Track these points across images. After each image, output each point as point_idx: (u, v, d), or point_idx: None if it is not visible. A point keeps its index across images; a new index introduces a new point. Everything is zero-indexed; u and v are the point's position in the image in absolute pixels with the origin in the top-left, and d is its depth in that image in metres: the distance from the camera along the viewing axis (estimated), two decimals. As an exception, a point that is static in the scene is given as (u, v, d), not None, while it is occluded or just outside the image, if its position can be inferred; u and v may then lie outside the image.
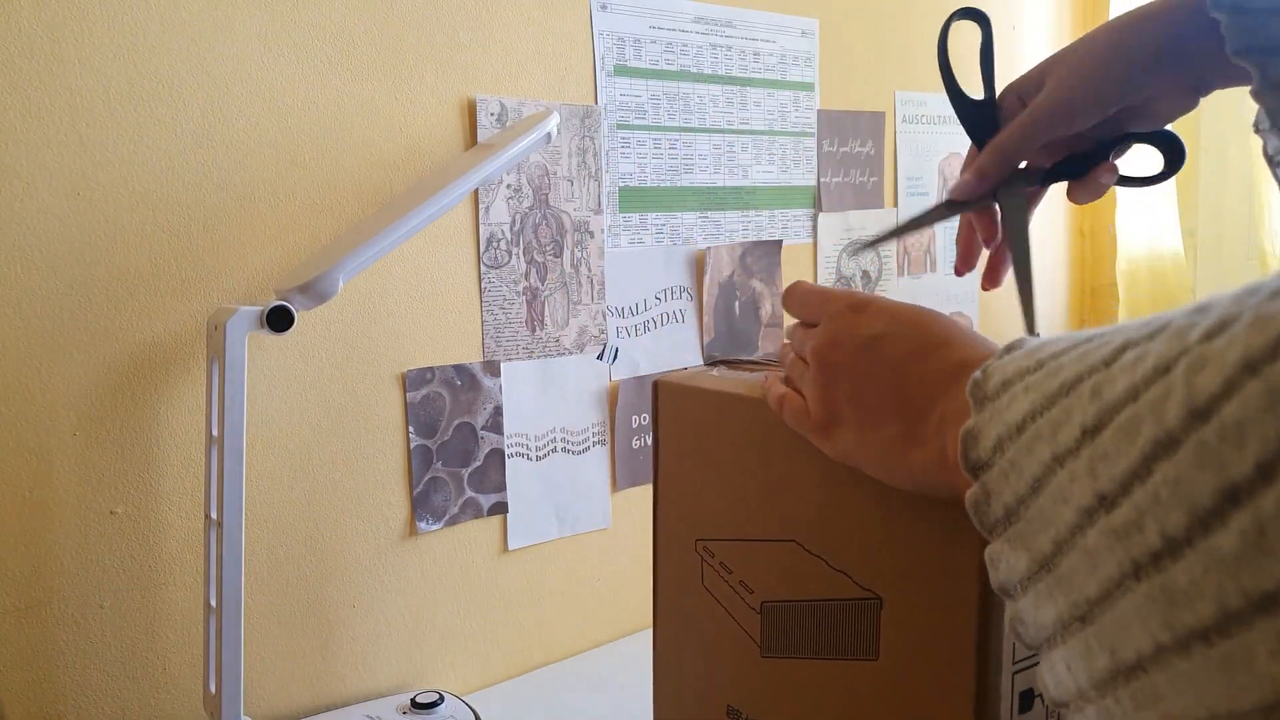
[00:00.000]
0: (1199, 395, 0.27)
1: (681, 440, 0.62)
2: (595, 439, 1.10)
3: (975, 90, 0.67)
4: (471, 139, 0.97)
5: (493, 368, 1.01)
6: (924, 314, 0.47)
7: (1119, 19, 0.59)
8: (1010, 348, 0.38)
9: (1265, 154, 0.57)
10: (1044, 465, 0.33)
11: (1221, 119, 1.59)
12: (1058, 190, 0.66)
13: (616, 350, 1.11)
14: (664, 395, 0.63)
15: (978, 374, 0.38)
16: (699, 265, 1.18)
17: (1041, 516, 0.34)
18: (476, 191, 0.98)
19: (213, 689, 0.78)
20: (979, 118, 0.66)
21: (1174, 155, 0.62)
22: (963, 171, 0.66)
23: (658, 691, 0.66)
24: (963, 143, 0.69)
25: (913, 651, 0.49)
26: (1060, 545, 0.33)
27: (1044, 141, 0.60)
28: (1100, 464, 0.31)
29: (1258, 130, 0.57)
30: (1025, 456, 0.34)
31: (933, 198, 1.46)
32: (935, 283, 1.48)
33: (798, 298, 0.52)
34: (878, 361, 0.46)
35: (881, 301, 0.48)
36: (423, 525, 0.98)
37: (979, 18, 0.68)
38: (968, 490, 0.37)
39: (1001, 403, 0.36)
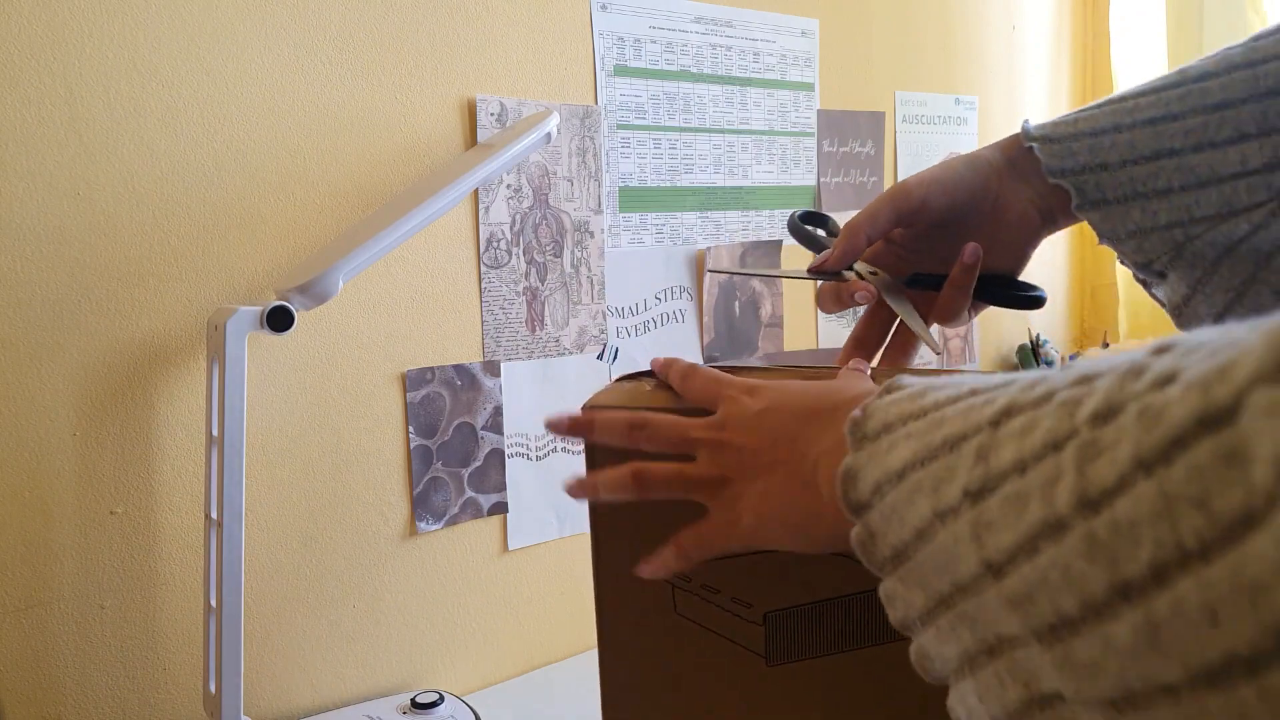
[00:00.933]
0: (1091, 486, 0.27)
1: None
2: (595, 439, 1.10)
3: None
4: (471, 139, 0.97)
5: (493, 368, 1.01)
6: (815, 385, 0.47)
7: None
8: (889, 388, 0.38)
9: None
10: (925, 519, 0.34)
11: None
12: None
13: (616, 350, 1.11)
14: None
15: (857, 413, 0.38)
16: (699, 265, 1.18)
17: (934, 564, 0.34)
18: (476, 191, 0.98)
19: (213, 689, 0.78)
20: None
21: (1034, 302, 0.63)
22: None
23: None
24: (963, 143, 0.69)
25: None
26: (959, 587, 0.33)
27: (890, 220, 0.60)
28: (985, 533, 0.31)
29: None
30: (906, 506, 0.35)
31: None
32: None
33: (698, 385, 0.52)
34: (768, 427, 0.46)
35: (774, 383, 0.48)
36: (423, 525, 0.98)
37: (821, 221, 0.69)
38: (851, 529, 0.37)
39: (881, 446, 0.37)
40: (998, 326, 1.60)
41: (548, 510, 1.07)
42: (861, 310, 0.64)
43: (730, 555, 0.48)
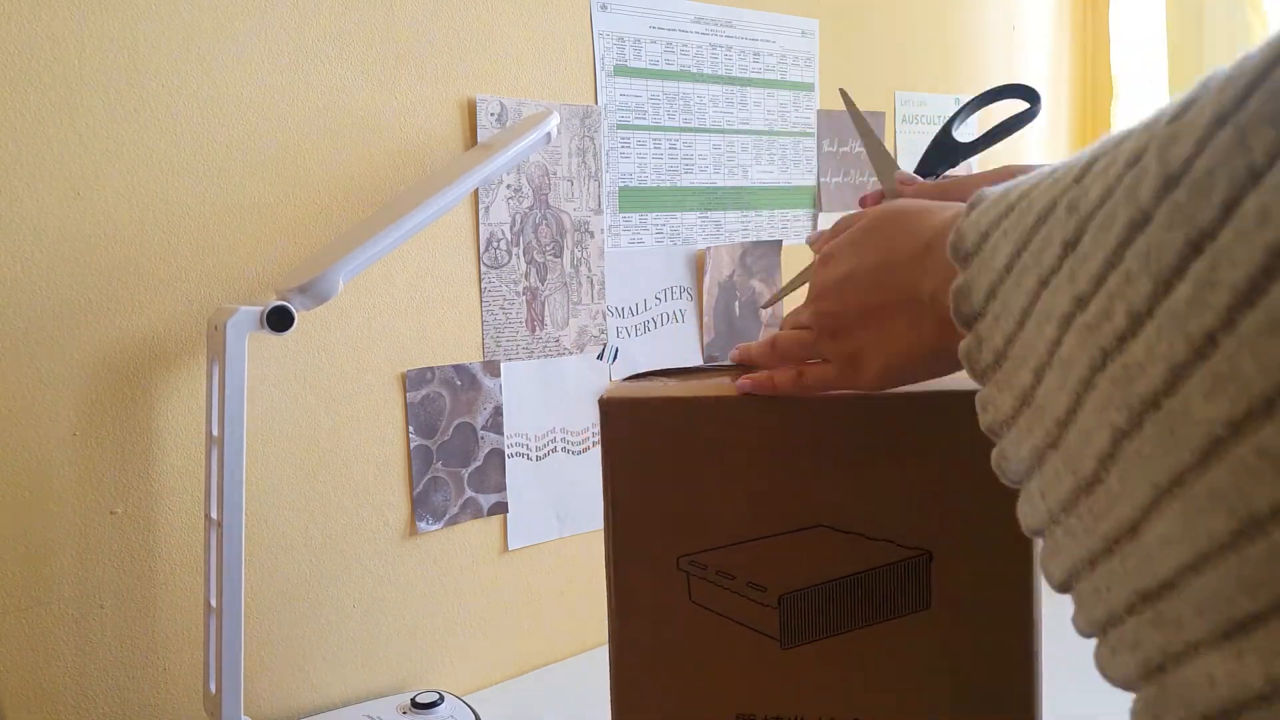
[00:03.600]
0: (1172, 163, 0.28)
1: (645, 458, 0.57)
2: (595, 439, 1.10)
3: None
4: (471, 139, 0.97)
5: (493, 368, 1.01)
6: (881, 222, 0.49)
7: None
8: (974, 203, 0.39)
9: None
10: (1030, 294, 0.34)
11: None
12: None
13: (616, 350, 1.11)
14: (616, 413, 0.57)
15: (952, 235, 0.39)
16: (699, 265, 1.18)
17: (1026, 346, 0.35)
18: (476, 191, 0.98)
19: (213, 689, 0.78)
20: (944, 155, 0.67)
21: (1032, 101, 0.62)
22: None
23: None
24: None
25: (966, 590, 0.53)
26: (1039, 372, 0.34)
27: None
28: (1079, 267, 0.31)
29: None
30: (1014, 293, 0.35)
31: (933, 198, 1.46)
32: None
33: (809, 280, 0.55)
34: (859, 287, 0.48)
35: (844, 243, 0.50)
36: (423, 525, 0.97)
37: (1030, 96, 0.67)
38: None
39: (985, 253, 0.37)
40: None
41: (548, 510, 1.07)
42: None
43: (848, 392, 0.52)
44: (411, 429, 0.96)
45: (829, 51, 1.30)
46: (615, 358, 1.11)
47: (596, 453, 1.10)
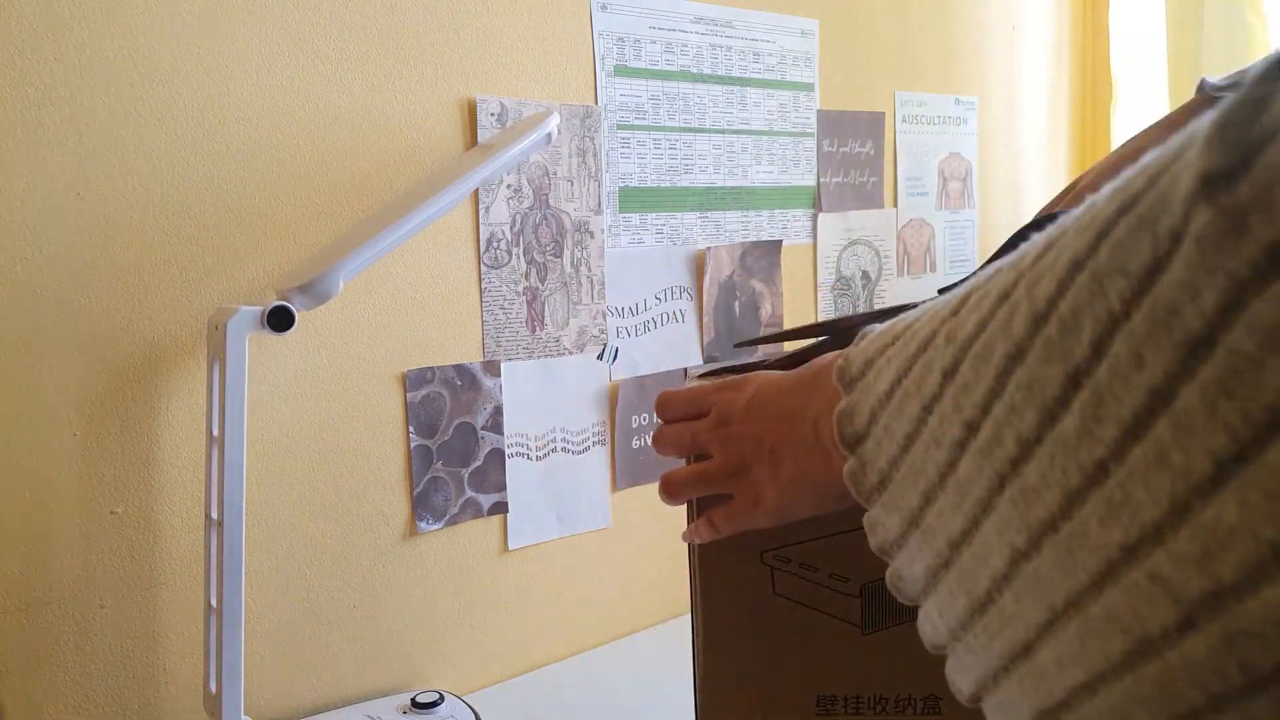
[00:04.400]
0: (1039, 301, 0.30)
1: None
2: (595, 439, 1.10)
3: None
4: (471, 139, 0.97)
5: (493, 368, 1.01)
6: (793, 366, 0.52)
7: None
8: (862, 336, 0.41)
9: None
10: (914, 420, 0.36)
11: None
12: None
13: (616, 350, 1.11)
14: None
15: (840, 362, 0.41)
16: (699, 265, 1.18)
17: (913, 470, 0.36)
18: (476, 191, 0.98)
19: (213, 689, 0.78)
20: None
21: None
22: None
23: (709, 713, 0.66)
24: (963, 143, 0.69)
25: None
26: (928, 495, 0.35)
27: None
28: (962, 396, 0.33)
29: None
30: (896, 418, 0.37)
31: (932, 198, 1.46)
32: (936, 283, 1.48)
33: (679, 401, 0.57)
34: (761, 411, 0.50)
35: (750, 376, 0.54)
36: (423, 525, 0.98)
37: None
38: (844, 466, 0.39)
39: (869, 379, 0.39)
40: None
41: (548, 510, 1.07)
42: None
43: (761, 529, 0.53)
44: (412, 429, 0.96)
45: (829, 51, 1.30)
46: (615, 358, 1.11)
47: (596, 453, 1.10)
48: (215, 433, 0.77)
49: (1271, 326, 0.23)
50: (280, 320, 0.75)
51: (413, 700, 0.90)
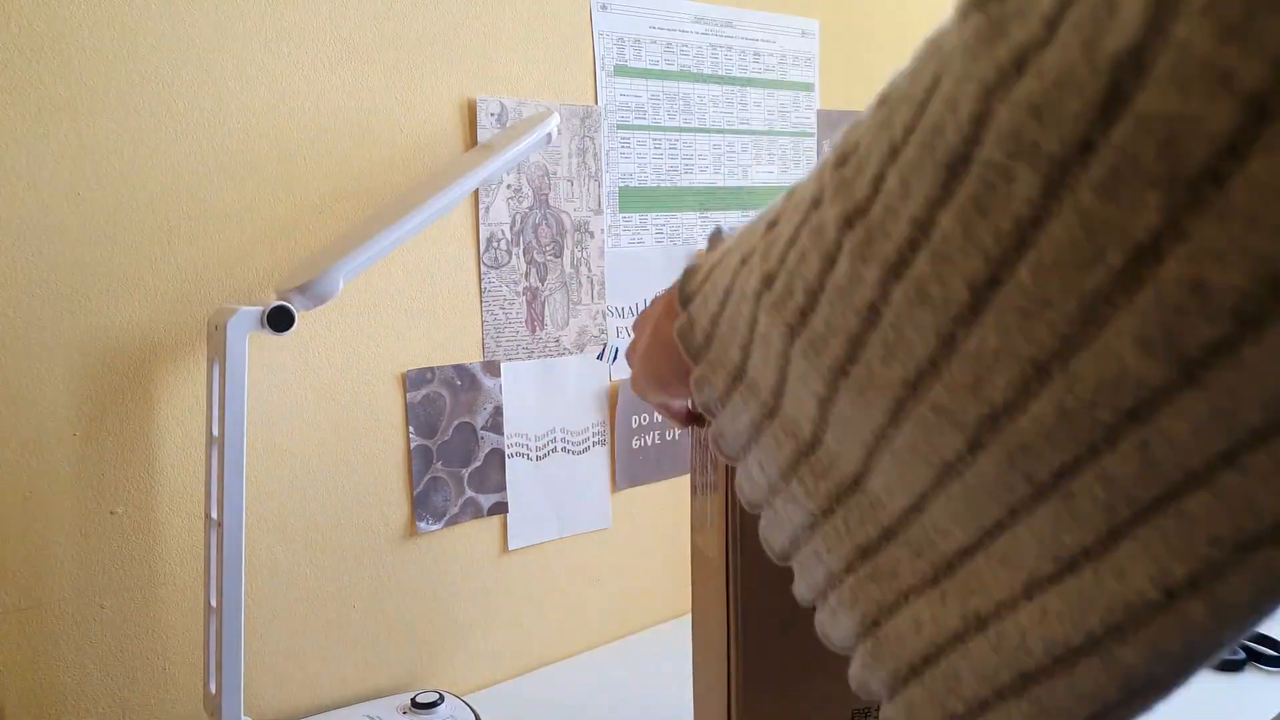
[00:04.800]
0: (844, 144, 0.30)
1: None
2: (595, 439, 1.10)
3: None
4: (471, 139, 0.97)
5: (493, 368, 1.01)
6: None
7: None
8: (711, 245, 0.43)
9: None
10: (732, 271, 0.36)
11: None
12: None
13: (617, 350, 1.11)
14: None
15: (688, 266, 0.42)
16: (699, 265, 1.18)
17: (729, 324, 0.36)
18: (476, 191, 0.98)
19: (213, 689, 0.78)
20: None
21: None
22: None
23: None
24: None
25: None
26: (745, 348, 0.35)
27: None
28: (770, 249, 0.33)
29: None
30: (720, 271, 0.37)
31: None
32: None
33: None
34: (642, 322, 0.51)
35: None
36: (423, 525, 0.98)
37: None
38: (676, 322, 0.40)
39: (713, 255, 0.40)
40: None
41: (548, 510, 1.07)
42: None
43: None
44: (411, 429, 0.96)
45: (829, 51, 1.30)
46: (615, 358, 1.11)
47: (596, 453, 1.10)
48: (215, 433, 0.77)
49: (1015, 131, 0.23)
50: (280, 320, 0.75)
51: (413, 700, 0.90)
